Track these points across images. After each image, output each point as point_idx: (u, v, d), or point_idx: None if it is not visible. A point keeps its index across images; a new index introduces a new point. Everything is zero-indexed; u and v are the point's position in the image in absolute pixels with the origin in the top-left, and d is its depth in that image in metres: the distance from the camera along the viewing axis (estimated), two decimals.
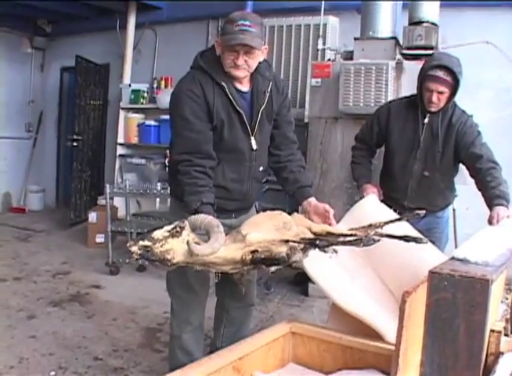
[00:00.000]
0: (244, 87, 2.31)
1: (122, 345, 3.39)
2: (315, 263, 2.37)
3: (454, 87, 2.73)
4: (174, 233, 1.85)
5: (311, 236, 2.18)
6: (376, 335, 2.38)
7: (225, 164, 2.31)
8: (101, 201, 6.23)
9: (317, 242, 2.00)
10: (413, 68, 3.95)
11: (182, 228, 1.86)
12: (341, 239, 2.20)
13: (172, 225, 1.87)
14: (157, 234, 1.84)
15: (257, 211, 4.90)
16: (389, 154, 3.03)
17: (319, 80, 4.37)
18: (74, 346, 3.36)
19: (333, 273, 2.46)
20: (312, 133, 4.45)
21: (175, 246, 1.83)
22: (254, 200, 2.57)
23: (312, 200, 2.40)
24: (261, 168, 2.42)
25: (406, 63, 4.09)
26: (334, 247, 2.12)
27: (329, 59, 4.60)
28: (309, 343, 2.59)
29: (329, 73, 4.32)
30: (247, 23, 2.12)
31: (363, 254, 2.55)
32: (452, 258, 1.08)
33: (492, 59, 4.83)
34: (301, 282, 4.63)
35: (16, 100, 7.84)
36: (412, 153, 2.91)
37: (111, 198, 5.80)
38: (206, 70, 2.24)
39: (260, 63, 2.30)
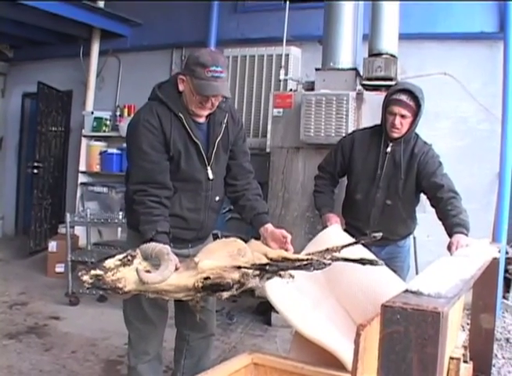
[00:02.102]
0: (201, 118, 2.32)
1: None
2: (277, 291, 2.36)
3: (416, 113, 2.81)
4: (126, 262, 1.84)
5: (266, 261, 2.18)
6: (339, 365, 2.37)
7: (182, 194, 2.32)
8: (61, 230, 6.11)
9: (267, 267, 2.00)
10: (373, 98, 4.08)
11: (134, 256, 1.86)
12: (297, 264, 2.21)
13: (124, 254, 1.87)
14: (109, 263, 1.83)
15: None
16: (352, 183, 3.07)
17: (281, 110, 4.41)
18: None
19: (296, 301, 2.45)
20: (274, 163, 4.47)
21: (127, 274, 1.82)
22: (211, 229, 2.57)
23: (269, 226, 2.42)
24: (217, 198, 2.44)
25: (366, 94, 4.17)
26: (291, 272, 2.12)
27: (290, 90, 4.67)
28: (271, 374, 2.55)
29: (291, 103, 4.37)
30: (219, 69, 2.16)
31: (326, 283, 2.56)
32: (406, 291, 1.09)
33: (450, 90, 5.00)
34: (263, 311, 4.61)
35: None
36: (374, 181, 2.96)
37: (72, 227, 5.72)
38: (164, 102, 2.25)
39: None
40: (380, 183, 2.94)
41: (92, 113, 6.56)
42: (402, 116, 2.81)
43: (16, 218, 8.10)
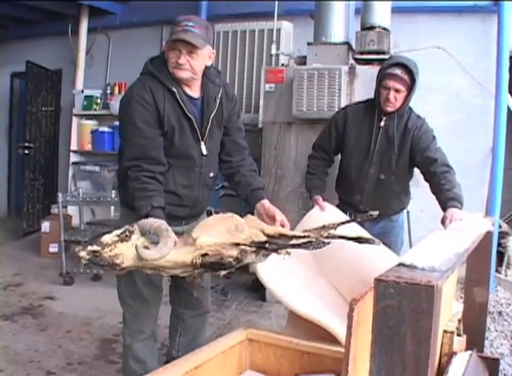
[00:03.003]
0: (194, 93, 2.29)
1: (76, 358, 3.30)
2: (268, 273, 2.37)
3: (410, 87, 2.79)
4: (124, 238, 1.82)
5: (264, 238, 2.17)
6: (333, 340, 2.38)
7: (176, 170, 2.29)
8: (54, 210, 6.07)
9: (267, 245, 1.99)
10: (366, 73, 4.05)
11: (132, 232, 1.84)
12: (294, 241, 2.20)
13: (121, 230, 1.84)
14: (106, 239, 1.80)
15: None
16: (345, 159, 3.05)
17: (273, 85, 4.37)
18: (26, 361, 3.24)
19: (287, 283, 2.45)
20: (266, 139, 4.44)
21: (124, 250, 1.80)
22: (205, 206, 2.55)
23: (265, 202, 2.40)
24: (211, 174, 2.41)
25: (359, 68, 4.13)
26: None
27: (282, 65, 4.62)
28: (266, 349, 2.57)
29: (283, 78, 4.32)
30: (191, 23, 2.15)
31: (316, 264, 2.56)
32: (400, 265, 1.08)
33: (444, 64, 4.95)
34: (258, 288, 4.61)
35: None
36: (368, 156, 2.94)
37: (65, 207, 5.69)
38: (156, 76, 2.21)
39: (209, 69, 2.29)
40: (374, 158, 2.93)
41: (82, 91, 6.47)
42: (397, 90, 2.78)
43: (9, 200, 8.05)
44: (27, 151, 6.57)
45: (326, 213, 2.82)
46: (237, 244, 1.97)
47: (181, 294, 2.57)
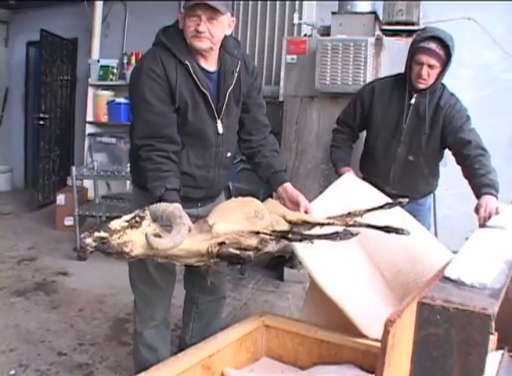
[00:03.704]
0: (210, 66, 2.11)
1: (88, 339, 3.22)
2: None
3: (445, 63, 2.59)
4: (134, 224, 1.68)
5: (285, 225, 2.03)
6: (354, 329, 2.24)
7: (190, 150, 2.13)
8: (70, 182, 5.95)
9: (289, 235, 1.84)
10: (393, 45, 3.85)
11: (142, 218, 1.70)
12: (317, 228, 2.06)
13: (131, 215, 1.70)
14: (115, 225, 1.66)
15: (230, 196, 4.78)
16: (371, 137, 2.87)
17: (295, 56, 4.15)
18: (37, 341, 3.18)
19: (322, 254, 2.30)
20: (287, 112, 4.25)
21: (134, 238, 1.66)
22: (222, 187, 2.40)
23: (288, 186, 2.24)
24: (228, 154, 2.24)
25: (386, 40, 3.90)
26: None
27: (305, 35, 4.40)
28: (283, 336, 2.47)
29: (305, 49, 4.11)
30: None
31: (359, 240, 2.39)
32: (445, 279, 0.90)
33: (474, 37, 4.69)
34: (276, 266, 4.50)
35: None
36: (396, 135, 2.76)
37: (80, 179, 5.60)
38: (168, 48, 2.04)
39: (227, 39, 2.11)
40: (402, 137, 2.74)
41: (98, 61, 6.31)
42: (430, 66, 2.57)
43: (25, 171, 8.00)
44: (42, 122, 6.45)
45: (352, 185, 2.65)
46: (257, 233, 1.82)
47: (195, 279, 2.44)
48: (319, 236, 1.87)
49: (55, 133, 6.77)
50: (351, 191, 2.62)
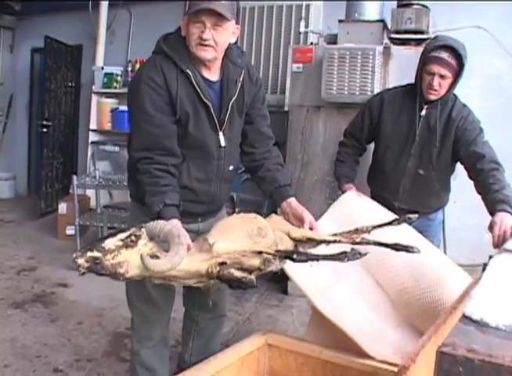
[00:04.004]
0: (213, 75, 2.02)
1: (85, 354, 3.13)
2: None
3: (457, 73, 2.50)
4: (129, 243, 1.59)
5: (290, 243, 1.93)
6: (360, 351, 2.14)
7: (191, 163, 2.04)
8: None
9: (294, 256, 1.74)
10: (402, 54, 3.76)
11: (138, 237, 1.60)
12: (323, 246, 1.96)
13: (127, 233, 1.60)
14: (109, 244, 1.57)
15: (234, 207, 4.67)
16: (380, 150, 2.77)
17: (301, 65, 4.07)
18: (33, 356, 3.09)
19: (316, 271, 2.21)
20: (293, 122, 4.16)
21: (130, 258, 1.57)
22: (223, 202, 2.30)
23: (292, 201, 2.13)
24: (230, 168, 2.15)
25: (394, 48, 3.82)
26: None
27: (311, 43, 4.31)
28: (286, 356, 2.37)
29: (312, 58, 4.02)
30: None
31: None
32: (466, 319, 0.80)
33: (484, 45, 4.59)
34: (280, 279, 4.38)
35: None
36: (406, 148, 2.66)
37: (82, 188, 5.53)
38: (169, 56, 1.95)
39: (231, 48, 2.03)
40: (412, 150, 2.64)
41: (102, 68, 6.25)
42: (442, 76, 2.47)
43: (29, 178, 7.93)
44: (45, 129, 6.39)
45: (360, 203, 2.56)
46: (260, 252, 1.73)
47: (195, 296, 2.34)
48: (326, 257, 1.78)
49: (59, 140, 6.70)
50: (356, 208, 2.52)
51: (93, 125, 6.30)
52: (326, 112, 4.02)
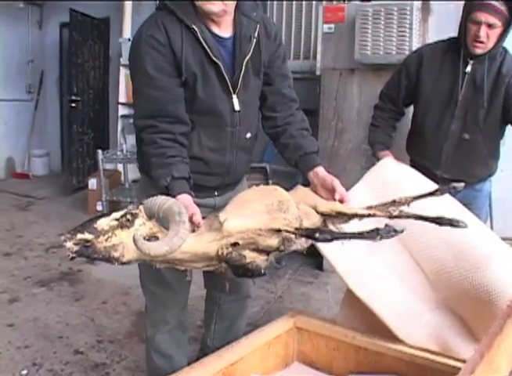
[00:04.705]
0: (224, 32, 1.77)
1: (108, 335, 3.00)
2: None
3: (508, 22, 2.20)
4: (124, 223, 1.38)
5: (316, 217, 1.70)
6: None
7: (201, 130, 1.81)
8: (105, 166, 5.82)
9: (316, 235, 1.51)
10: (443, 9, 3.46)
11: (135, 215, 1.40)
12: (356, 220, 1.73)
13: (122, 212, 1.40)
14: (102, 224, 1.37)
15: (267, 179, 4.45)
16: (419, 112, 2.50)
17: (332, 25, 3.78)
18: (55, 336, 2.98)
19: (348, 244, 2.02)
20: (325, 87, 3.89)
21: (126, 240, 1.37)
22: (242, 174, 2.06)
23: (319, 170, 1.86)
24: (248, 135, 1.91)
25: (434, 4, 3.50)
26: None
27: (343, 1, 3.99)
28: (317, 340, 2.21)
29: (344, 17, 3.72)
30: None
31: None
32: None
33: None
34: (315, 254, 4.15)
35: (14, 60, 7.36)
36: (448, 109, 2.39)
37: (111, 163, 5.44)
38: (172, 11, 1.72)
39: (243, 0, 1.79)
40: (456, 112, 2.36)
41: (129, 40, 6.05)
42: (489, 25, 2.18)
43: (62, 154, 7.92)
44: (73, 104, 6.29)
45: (398, 170, 2.30)
46: (278, 230, 1.51)
47: (215, 276, 2.13)
48: (354, 236, 1.54)
49: (89, 115, 6.62)
50: (393, 176, 2.26)
51: (122, 99, 6.12)
52: (361, 75, 3.74)
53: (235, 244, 1.49)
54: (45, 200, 6.36)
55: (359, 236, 1.51)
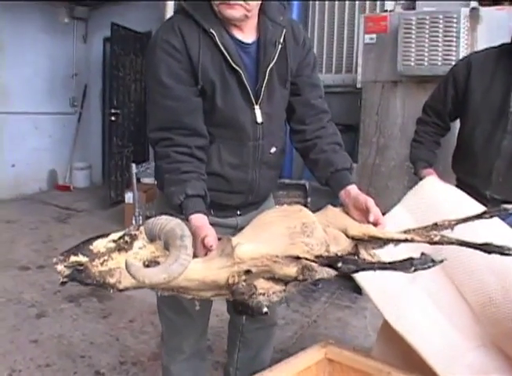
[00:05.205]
0: (247, 37, 1.63)
1: (131, 356, 2.88)
2: None
3: None
4: (123, 245, 1.24)
5: (346, 242, 1.51)
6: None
7: (221, 144, 1.66)
8: (143, 180, 5.76)
9: (339, 264, 1.32)
10: (493, 16, 3.22)
11: (134, 237, 1.25)
12: (391, 245, 1.54)
13: (120, 233, 1.26)
14: (99, 246, 1.23)
15: (307, 197, 4.26)
16: (468, 126, 2.28)
17: (374, 36, 3.61)
18: (77, 355, 2.88)
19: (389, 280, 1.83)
20: (366, 101, 3.72)
21: (123, 264, 1.22)
22: (267, 192, 1.89)
23: (352, 188, 1.67)
24: (272, 150, 1.74)
25: (484, 11, 3.26)
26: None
27: (385, 11, 3.81)
28: (349, 374, 2.00)
29: (386, 27, 3.54)
30: None
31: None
32: None
33: None
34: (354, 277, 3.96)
35: (59, 74, 7.49)
36: (500, 123, 2.16)
37: (146, 177, 5.39)
38: (190, 14, 1.58)
39: (269, 3, 1.65)
40: (509, 126, 2.13)
41: None
42: None
43: (103, 167, 7.94)
44: (113, 118, 6.30)
45: (442, 191, 2.09)
46: (297, 258, 1.34)
47: None
48: (384, 266, 1.34)
49: (129, 128, 6.62)
50: (436, 199, 2.04)
51: None
52: (404, 88, 3.55)
53: (247, 272, 1.32)
54: (83, 212, 6.38)
55: (390, 266, 1.32)
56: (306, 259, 1.33)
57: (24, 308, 3.50)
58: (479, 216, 1.67)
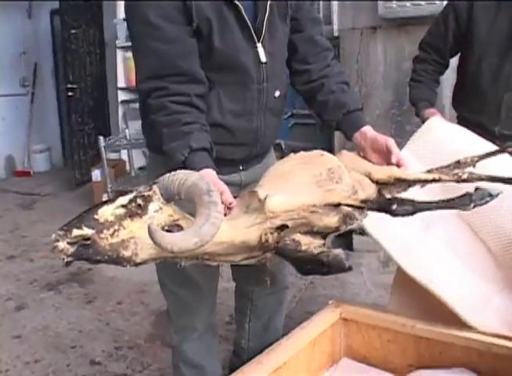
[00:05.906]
0: None
1: (126, 340, 2.70)
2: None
3: None
4: (135, 210, 1.04)
5: (372, 187, 1.35)
6: (460, 322, 1.68)
7: (221, 90, 1.46)
8: (109, 155, 5.49)
9: (394, 206, 1.16)
10: None
11: (148, 199, 1.06)
12: (417, 187, 1.41)
13: (130, 196, 1.06)
14: (105, 213, 1.04)
15: (283, 156, 4.12)
16: (473, 60, 2.16)
17: None
18: (67, 346, 2.69)
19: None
20: (345, 50, 3.58)
21: (138, 233, 1.03)
22: (271, 142, 1.72)
23: (367, 130, 1.54)
24: (276, 93, 1.55)
25: None
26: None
27: None
28: (368, 332, 1.91)
29: None
30: None
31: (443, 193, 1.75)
32: None
33: None
34: (343, 233, 3.83)
35: (5, 53, 7.00)
36: (509, 54, 2.05)
37: (117, 151, 5.14)
38: None
39: None
40: None
41: (124, 20, 5.69)
42: None
43: (63, 148, 7.65)
44: (70, 93, 5.97)
45: (451, 129, 1.97)
46: (337, 205, 1.16)
47: (247, 267, 1.80)
48: (441, 205, 1.20)
49: (88, 104, 6.29)
50: (447, 136, 1.92)
51: (121, 83, 5.78)
52: (385, 33, 3.43)
53: (282, 227, 1.14)
54: (48, 196, 6.09)
55: (448, 205, 1.16)
56: (348, 206, 1.16)
57: (1, 302, 3.28)
58: (501, 151, 1.59)
